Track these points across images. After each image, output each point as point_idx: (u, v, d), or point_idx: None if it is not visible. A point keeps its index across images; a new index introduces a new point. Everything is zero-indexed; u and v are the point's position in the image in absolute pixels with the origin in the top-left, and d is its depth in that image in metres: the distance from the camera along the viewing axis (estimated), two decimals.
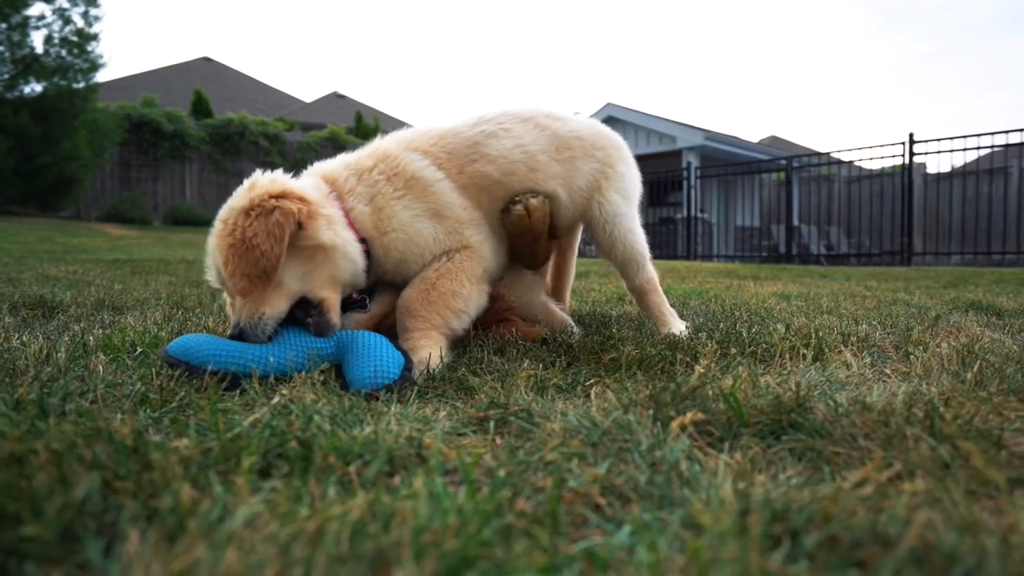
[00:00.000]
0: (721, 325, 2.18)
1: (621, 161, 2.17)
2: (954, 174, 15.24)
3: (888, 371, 1.53)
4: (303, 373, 1.42)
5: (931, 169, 16.20)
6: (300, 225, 1.61)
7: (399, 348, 1.53)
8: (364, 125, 24.55)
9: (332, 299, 1.64)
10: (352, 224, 1.76)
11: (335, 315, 1.63)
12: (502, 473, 0.83)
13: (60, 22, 16.22)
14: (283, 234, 1.55)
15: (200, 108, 21.00)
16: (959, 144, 12.37)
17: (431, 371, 1.51)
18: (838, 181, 17.01)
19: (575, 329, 2.15)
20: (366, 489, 0.80)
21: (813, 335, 1.83)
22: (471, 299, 1.82)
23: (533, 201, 1.90)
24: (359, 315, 1.77)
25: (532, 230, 1.92)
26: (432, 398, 1.42)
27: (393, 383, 1.40)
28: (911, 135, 12.12)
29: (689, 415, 1.00)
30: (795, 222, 15.08)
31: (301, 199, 1.66)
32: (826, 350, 1.69)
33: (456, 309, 1.78)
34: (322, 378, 1.41)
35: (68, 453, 0.78)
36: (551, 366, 1.74)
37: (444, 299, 1.75)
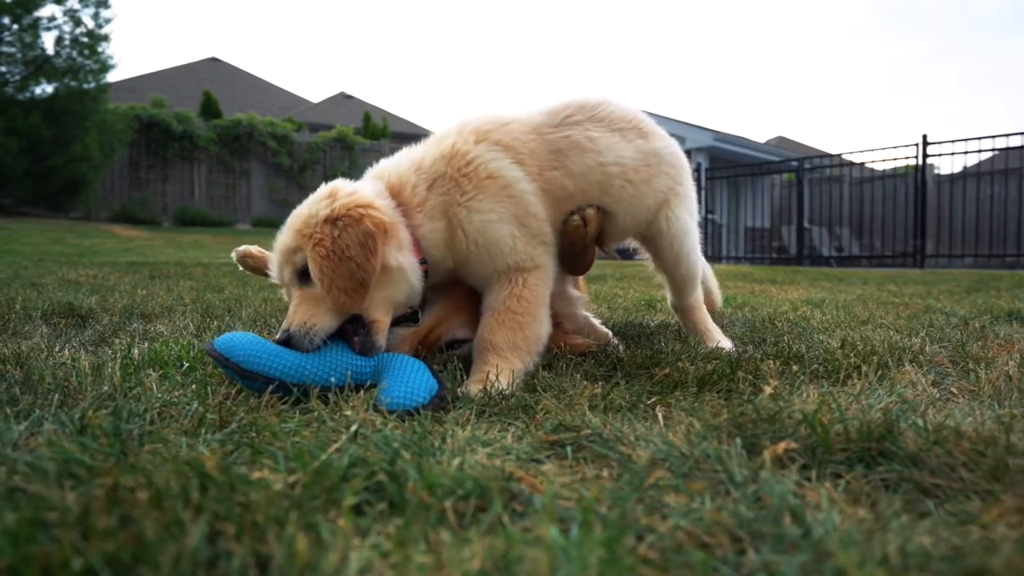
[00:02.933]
0: (769, 338, 2.15)
1: (688, 178, 2.13)
2: (966, 175, 15.15)
3: (954, 390, 1.50)
4: (361, 393, 1.40)
5: (941, 170, 16.13)
6: None
7: (436, 376, 1.50)
8: (372, 125, 24.56)
9: (383, 322, 1.61)
10: (418, 244, 1.70)
11: (382, 337, 1.60)
12: (607, 511, 0.80)
13: (71, 23, 16.26)
14: (376, 245, 1.52)
15: (209, 109, 21.03)
16: (973, 145, 12.28)
17: (494, 393, 1.47)
18: (848, 182, 16.92)
19: (616, 342, 2.12)
20: (467, 528, 0.78)
21: (870, 350, 1.79)
22: (546, 332, 1.76)
23: (590, 211, 1.85)
24: (405, 330, 1.73)
25: (584, 240, 1.88)
26: (491, 418, 1.39)
27: (422, 406, 1.37)
28: (925, 136, 12.04)
29: (782, 444, 0.97)
30: (805, 223, 15.00)
31: (383, 212, 1.62)
32: (890, 366, 1.65)
33: (539, 351, 1.73)
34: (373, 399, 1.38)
35: (167, 490, 0.75)
36: (603, 381, 1.71)
37: (529, 344, 1.69)
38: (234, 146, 20.02)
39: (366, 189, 1.71)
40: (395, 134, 26.93)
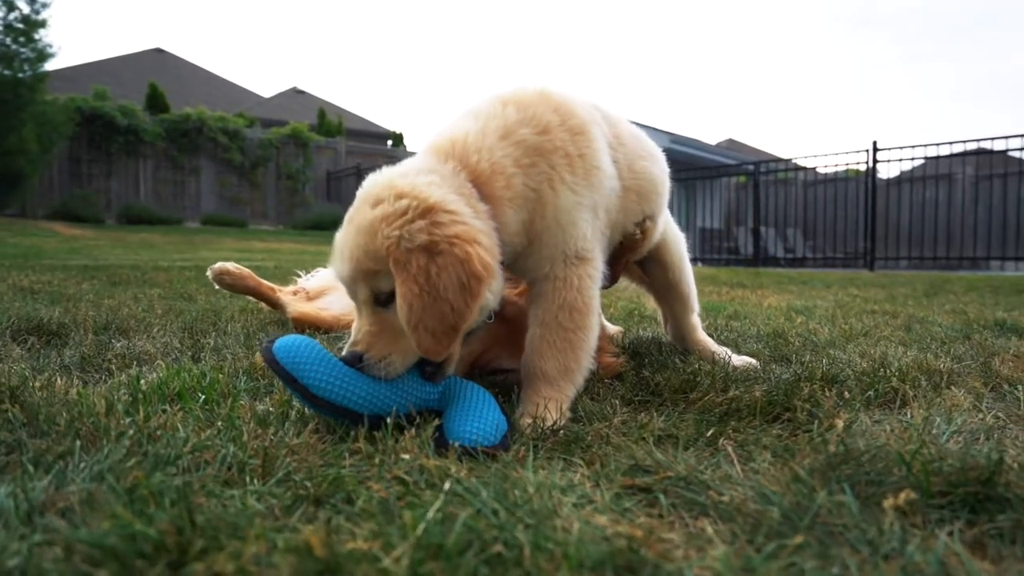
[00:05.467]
0: (793, 357, 2.13)
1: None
2: (900, 180, 15.79)
3: (1003, 415, 1.50)
4: (412, 430, 1.30)
5: (885, 175, 16.78)
6: None
7: (503, 409, 1.42)
8: (327, 122, 24.04)
9: (457, 350, 1.49)
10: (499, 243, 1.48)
11: (453, 366, 1.50)
12: None
13: (4, 8, 15.32)
14: (479, 289, 1.33)
15: (155, 102, 20.20)
16: (920, 152, 12.80)
17: (544, 429, 1.39)
18: (796, 184, 17.42)
19: (615, 329, 2.09)
20: None
21: (903, 371, 1.78)
22: (596, 340, 1.62)
23: (650, 224, 1.80)
24: (462, 350, 1.63)
25: (633, 251, 1.83)
26: (547, 454, 1.31)
27: (491, 447, 1.29)
28: (875, 142, 12.48)
29: (903, 495, 0.93)
30: (755, 224, 15.36)
31: (488, 250, 1.39)
32: (936, 389, 1.65)
33: (590, 366, 1.61)
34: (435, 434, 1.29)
35: None
36: (641, 406, 1.65)
37: (581, 363, 1.57)
38: (182, 142, 19.29)
39: (440, 181, 1.45)
40: (351, 131, 26.48)
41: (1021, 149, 11.57)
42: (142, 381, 1.59)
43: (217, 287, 3.11)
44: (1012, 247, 12.37)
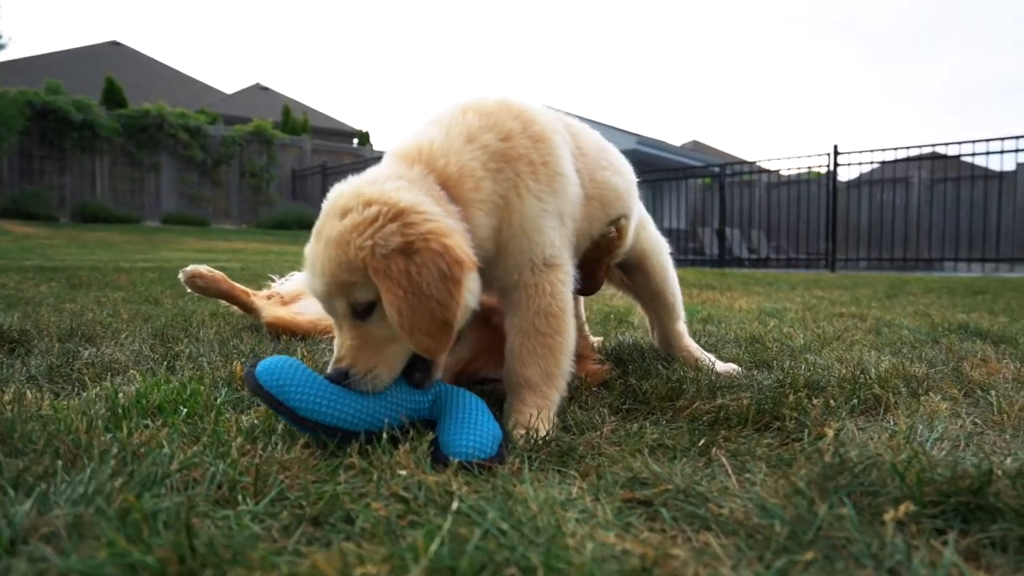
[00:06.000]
0: (773, 362, 2.17)
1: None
2: (861, 182, 16.25)
3: (980, 421, 1.54)
4: (406, 444, 1.28)
5: (842, 177, 17.25)
6: None
7: (496, 417, 1.41)
8: (292, 119, 23.65)
9: (443, 359, 1.49)
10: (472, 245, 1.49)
11: (440, 371, 1.48)
12: None
13: None
14: (461, 279, 1.31)
15: (112, 97, 19.60)
16: (878, 156, 13.19)
17: (535, 439, 1.39)
18: (760, 186, 17.78)
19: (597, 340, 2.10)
20: None
21: (882, 377, 1.83)
22: (574, 342, 1.62)
23: (624, 223, 1.80)
24: (448, 359, 1.61)
25: (610, 253, 1.83)
26: (541, 465, 1.30)
27: (490, 459, 1.28)
28: (836, 146, 12.80)
29: (902, 507, 0.94)
30: (721, 226, 15.62)
31: (463, 243, 1.39)
32: (915, 395, 1.69)
33: (571, 369, 1.61)
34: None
35: None
36: (629, 415, 1.66)
37: (562, 366, 1.57)
38: (141, 138, 18.77)
39: (408, 185, 1.44)
40: (317, 129, 26.12)
41: (973, 154, 12.01)
42: (120, 394, 1.53)
43: (189, 290, 3.03)
44: (964, 249, 12.82)
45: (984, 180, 14.07)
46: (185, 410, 1.48)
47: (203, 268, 3.00)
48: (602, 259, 1.91)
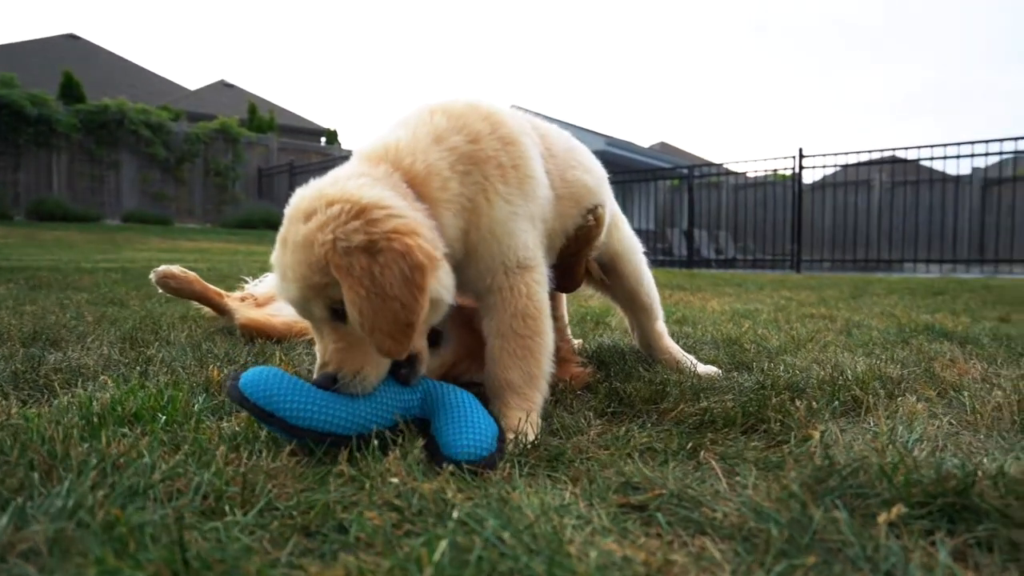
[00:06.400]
0: (753, 364, 2.20)
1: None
2: (825, 185, 16.65)
3: (955, 422, 1.58)
4: (396, 450, 1.26)
5: (806, 180, 17.66)
6: None
7: (490, 412, 1.40)
8: (258, 117, 23.26)
9: (425, 349, 1.47)
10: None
11: (425, 365, 1.47)
12: None
13: None
14: (424, 281, 1.28)
15: (70, 91, 19.03)
16: (841, 159, 13.50)
17: (524, 444, 1.38)
18: (726, 188, 18.07)
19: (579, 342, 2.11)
20: None
21: (860, 379, 1.86)
22: (553, 341, 1.63)
23: (601, 211, 1.80)
24: (432, 361, 1.60)
25: (588, 245, 1.83)
26: (530, 470, 1.30)
27: (489, 456, 1.27)
28: (801, 149, 13.07)
29: (895, 510, 0.96)
30: (690, 227, 15.83)
31: (429, 241, 1.36)
32: (892, 396, 1.73)
33: (552, 369, 1.61)
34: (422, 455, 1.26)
35: None
36: (614, 418, 1.66)
37: (543, 367, 1.57)
38: (101, 134, 18.22)
39: (372, 182, 1.42)
40: (283, 127, 25.72)
41: (931, 158, 12.39)
42: (94, 402, 1.48)
43: (160, 291, 2.95)
44: (923, 250, 13.20)
45: (942, 183, 14.53)
46: (164, 418, 1.43)
47: (176, 268, 2.92)
48: (581, 252, 1.90)
